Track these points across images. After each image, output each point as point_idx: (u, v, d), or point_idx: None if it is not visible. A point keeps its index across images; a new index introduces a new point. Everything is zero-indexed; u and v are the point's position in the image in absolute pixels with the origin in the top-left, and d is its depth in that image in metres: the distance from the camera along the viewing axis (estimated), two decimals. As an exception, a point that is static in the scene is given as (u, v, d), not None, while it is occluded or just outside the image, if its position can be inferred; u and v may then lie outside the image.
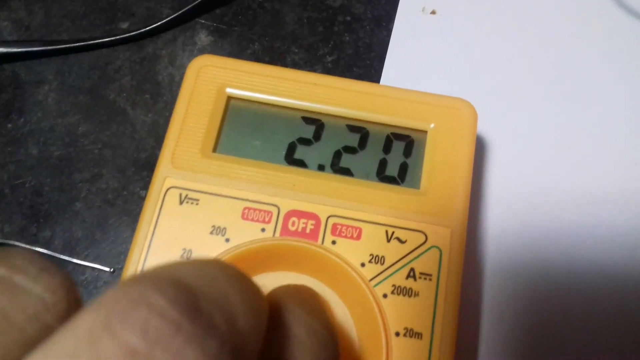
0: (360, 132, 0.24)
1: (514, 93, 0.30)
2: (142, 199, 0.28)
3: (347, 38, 0.32)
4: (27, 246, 0.26)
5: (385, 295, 0.21)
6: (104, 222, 0.27)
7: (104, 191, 0.28)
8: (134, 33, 0.31)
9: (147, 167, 0.28)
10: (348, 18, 0.32)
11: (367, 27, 0.32)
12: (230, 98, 0.25)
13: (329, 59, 0.31)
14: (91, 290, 0.26)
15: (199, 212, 0.22)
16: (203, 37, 0.32)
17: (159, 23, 0.31)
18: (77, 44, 0.31)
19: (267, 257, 0.22)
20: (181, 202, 0.23)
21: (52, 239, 0.27)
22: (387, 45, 0.31)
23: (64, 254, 0.26)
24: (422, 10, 0.32)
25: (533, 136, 0.29)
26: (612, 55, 0.31)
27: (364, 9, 0.33)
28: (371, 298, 0.21)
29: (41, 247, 0.26)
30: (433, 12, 0.32)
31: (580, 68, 0.31)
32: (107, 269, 0.26)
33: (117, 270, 0.26)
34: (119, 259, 0.27)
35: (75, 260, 0.26)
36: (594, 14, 0.32)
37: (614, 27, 0.32)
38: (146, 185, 0.28)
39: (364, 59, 0.31)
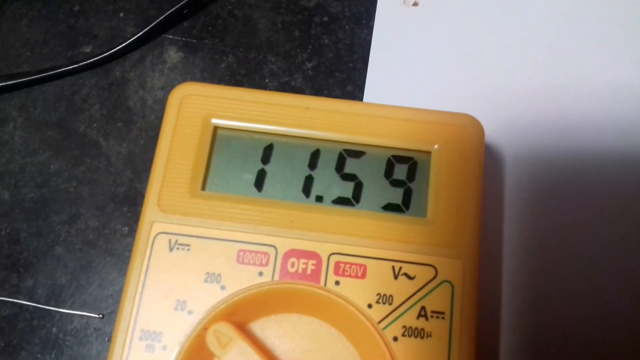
0: (359, 156, 0.24)
1: (512, 84, 0.30)
2: (125, 236, 0.28)
3: (326, 40, 0.32)
4: (10, 299, 0.27)
5: (395, 339, 0.22)
6: (88, 266, 0.27)
7: (84, 232, 0.28)
8: (98, 57, 0.31)
9: (126, 201, 0.29)
10: (325, 19, 0.32)
11: (347, 26, 0.32)
12: (217, 129, 0.25)
13: (309, 65, 0.31)
14: (82, 339, 0.26)
15: (191, 258, 0.23)
16: (172, 54, 0.32)
17: (124, 44, 0.31)
18: (40, 75, 0.30)
19: (268, 302, 0.22)
20: (171, 249, 0.23)
21: (35, 288, 0.27)
22: (369, 44, 0.31)
23: (49, 304, 0.27)
24: (404, 3, 0.32)
25: (539, 131, 0.28)
26: (612, 32, 0.31)
27: (342, 7, 0.32)
28: (381, 343, 0.21)
29: (24, 299, 0.27)
30: (415, 4, 0.32)
31: (584, 47, 0.30)
32: (96, 315, 0.27)
33: (107, 316, 0.27)
34: (107, 303, 0.27)
35: (61, 310, 0.27)
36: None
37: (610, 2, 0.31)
38: (128, 221, 0.28)
39: (345, 62, 0.31)
